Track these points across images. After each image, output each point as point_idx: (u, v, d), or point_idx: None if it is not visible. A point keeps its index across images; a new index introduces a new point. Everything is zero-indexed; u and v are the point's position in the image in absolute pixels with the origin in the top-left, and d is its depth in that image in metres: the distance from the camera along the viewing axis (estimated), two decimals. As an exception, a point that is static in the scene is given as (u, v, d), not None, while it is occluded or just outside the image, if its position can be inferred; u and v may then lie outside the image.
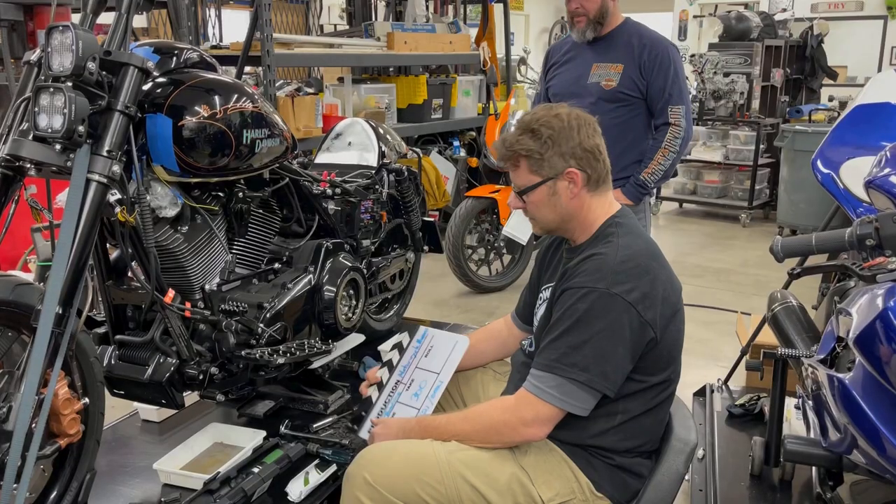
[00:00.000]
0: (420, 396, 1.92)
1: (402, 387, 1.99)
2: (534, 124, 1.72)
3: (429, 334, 2.08)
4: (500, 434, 1.66)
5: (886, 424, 1.44)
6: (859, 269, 1.73)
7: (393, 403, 1.97)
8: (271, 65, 4.38)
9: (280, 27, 8.02)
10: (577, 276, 1.67)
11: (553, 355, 1.63)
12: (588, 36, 2.84)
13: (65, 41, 1.70)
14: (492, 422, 1.66)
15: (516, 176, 1.77)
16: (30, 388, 1.62)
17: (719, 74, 7.25)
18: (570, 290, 1.66)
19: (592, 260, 1.68)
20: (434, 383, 1.93)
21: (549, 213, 1.77)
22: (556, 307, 1.68)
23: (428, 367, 1.98)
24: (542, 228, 1.83)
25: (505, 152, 1.76)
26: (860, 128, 2.76)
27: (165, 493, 2.20)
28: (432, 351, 2.01)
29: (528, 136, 1.72)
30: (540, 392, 1.62)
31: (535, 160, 1.72)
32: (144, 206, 1.89)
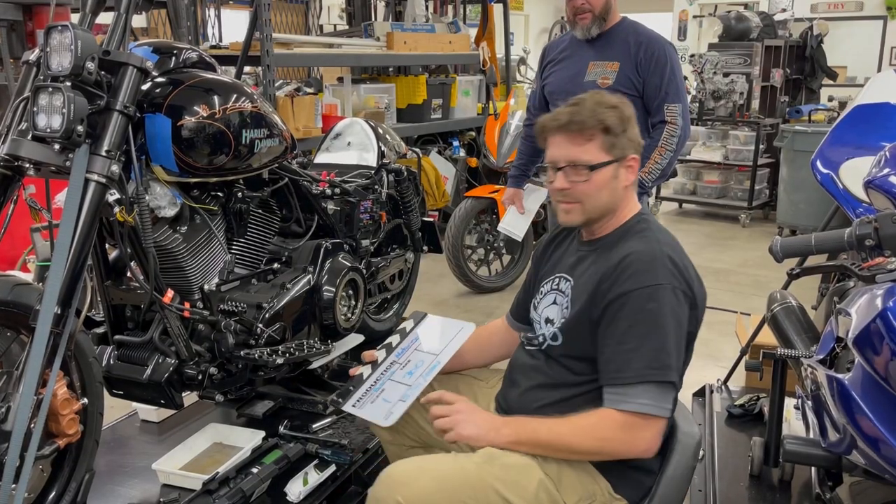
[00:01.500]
0: (414, 374, 1.84)
1: (398, 366, 1.91)
2: (614, 101, 1.66)
3: (432, 320, 2.03)
4: (614, 453, 1.60)
5: (886, 425, 1.44)
6: (858, 270, 1.73)
7: (384, 381, 1.88)
8: (271, 65, 4.37)
9: (279, 27, 8.01)
10: (631, 276, 1.60)
11: (639, 364, 1.56)
12: (593, 32, 2.83)
13: (64, 41, 1.70)
14: (606, 438, 1.58)
15: (583, 150, 1.64)
16: (28, 388, 1.61)
17: (719, 74, 7.25)
18: (631, 292, 1.59)
19: (640, 258, 1.62)
20: (431, 363, 1.85)
21: (605, 197, 1.67)
22: (619, 313, 1.59)
23: (427, 349, 1.91)
24: (585, 215, 1.70)
25: (586, 120, 1.62)
26: (860, 128, 2.76)
27: (164, 493, 2.19)
28: (433, 335, 1.95)
29: (612, 111, 1.64)
30: (647, 407, 1.57)
31: (612, 137, 1.64)
32: (143, 206, 1.89)
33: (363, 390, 1.87)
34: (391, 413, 1.75)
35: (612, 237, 1.73)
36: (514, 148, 4.79)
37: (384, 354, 1.95)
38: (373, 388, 1.87)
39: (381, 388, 1.85)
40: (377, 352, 1.94)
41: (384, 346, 1.97)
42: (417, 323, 2.02)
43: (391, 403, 1.78)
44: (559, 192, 1.69)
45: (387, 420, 1.74)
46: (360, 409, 1.82)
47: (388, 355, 1.95)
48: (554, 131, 1.68)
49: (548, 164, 1.73)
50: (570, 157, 1.65)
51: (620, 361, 1.58)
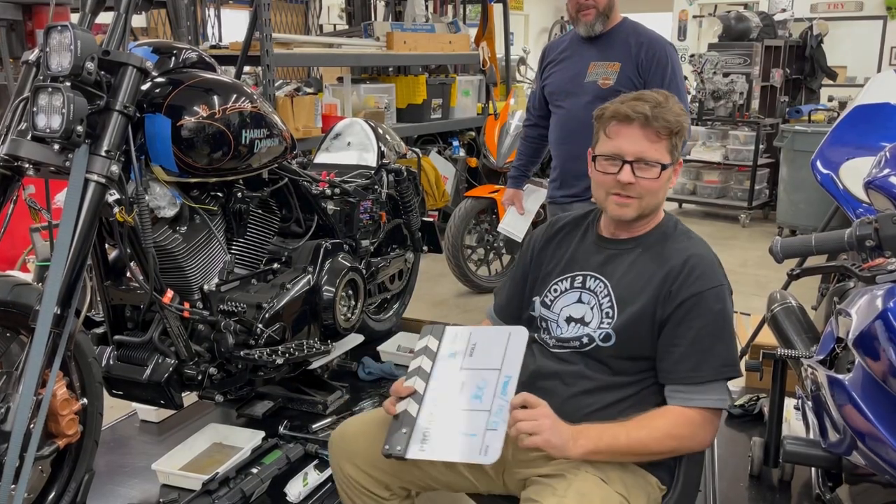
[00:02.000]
0: (484, 397, 1.55)
1: (453, 392, 1.62)
2: (679, 108, 1.68)
3: (462, 332, 1.70)
4: (687, 449, 1.64)
5: (886, 426, 1.44)
6: (859, 270, 1.73)
7: (443, 412, 1.58)
8: (270, 65, 4.37)
9: (279, 27, 8.01)
10: (699, 277, 1.64)
11: (714, 362, 1.61)
12: (597, 29, 2.81)
13: (63, 41, 1.70)
14: (682, 436, 1.61)
15: (655, 148, 1.63)
16: (28, 388, 1.61)
17: (719, 74, 7.25)
18: (702, 293, 1.62)
19: (702, 260, 1.67)
20: (499, 379, 1.57)
21: (661, 196, 1.70)
22: (691, 313, 1.62)
23: (479, 365, 1.62)
24: (640, 211, 1.68)
25: (671, 121, 1.63)
26: (860, 128, 2.76)
27: (164, 493, 2.20)
28: (477, 349, 1.65)
29: (685, 117, 1.68)
30: (718, 402, 1.63)
31: (677, 140, 1.67)
32: (143, 206, 1.89)
33: (421, 429, 1.56)
34: (488, 446, 1.49)
35: (652, 237, 1.73)
36: (513, 148, 4.79)
37: (422, 383, 1.64)
38: (433, 424, 1.57)
39: (446, 422, 1.56)
40: (409, 381, 1.64)
41: (415, 374, 1.66)
42: (440, 338, 1.71)
43: (478, 436, 1.51)
44: (621, 185, 1.65)
45: (486, 455, 1.48)
46: (433, 450, 1.54)
47: (427, 383, 1.64)
48: (629, 122, 1.64)
49: (608, 153, 1.67)
50: (642, 152, 1.64)
51: (695, 360, 1.61)
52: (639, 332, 1.66)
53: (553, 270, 1.81)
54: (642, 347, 1.66)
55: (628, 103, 1.66)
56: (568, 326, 1.73)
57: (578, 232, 1.84)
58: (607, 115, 1.69)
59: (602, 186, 1.70)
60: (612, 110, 1.68)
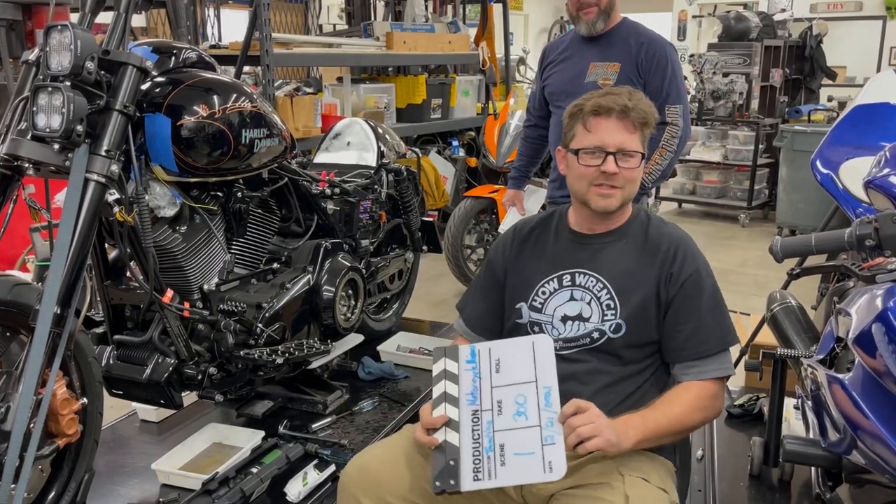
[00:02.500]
0: (528, 413, 1.51)
1: (488, 414, 1.54)
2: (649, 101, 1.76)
3: (481, 350, 1.63)
4: (707, 420, 1.74)
5: (886, 425, 1.44)
6: (858, 270, 1.73)
7: (490, 435, 1.51)
8: (270, 64, 4.37)
9: (279, 27, 8.01)
10: (689, 257, 1.73)
11: (719, 332, 1.70)
12: (598, 27, 2.80)
13: (63, 40, 1.70)
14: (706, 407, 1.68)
15: (633, 139, 1.70)
16: (28, 388, 1.61)
17: (718, 74, 7.26)
18: (697, 270, 1.71)
19: (685, 241, 1.76)
20: (539, 391, 1.53)
21: (637, 185, 1.76)
22: (693, 290, 1.70)
23: (510, 381, 1.56)
24: (622, 200, 1.73)
25: (647, 112, 1.71)
26: (859, 128, 2.76)
27: (164, 493, 2.19)
28: (503, 364, 1.59)
29: (652, 110, 1.73)
30: (727, 370, 1.71)
31: (648, 132, 1.73)
32: (143, 206, 1.89)
33: (469, 458, 1.50)
34: (551, 462, 1.46)
35: (632, 227, 1.79)
36: (513, 148, 4.79)
37: (453, 409, 1.56)
38: (483, 450, 1.50)
39: (495, 446, 1.50)
40: (438, 409, 1.57)
41: (441, 400, 1.58)
42: (457, 359, 1.63)
43: (536, 454, 1.47)
44: (605, 175, 1.68)
45: (553, 472, 1.44)
46: (493, 479, 1.47)
47: (459, 408, 1.56)
48: (607, 115, 1.69)
49: (589, 146, 1.70)
50: (624, 143, 1.69)
51: (703, 336, 1.69)
52: (647, 318, 1.71)
53: (534, 274, 1.80)
54: (650, 332, 1.72)
55: (606, 97, 1.71)
56: (565, 326, 1.74)
57: (549, 233, 1.85)
58: (586, 111, 1.72)
59: (584, 179, 1.72)
60: (591, 104, 1.71)
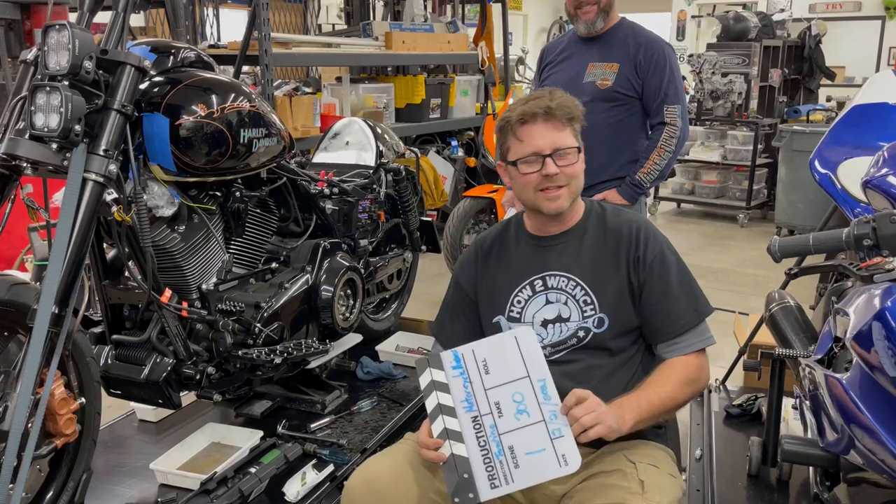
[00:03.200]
0: (529, 409, 1.51)
1: (489, 418, 1.54)
2: (570, 95, 1.77)
3: (465, 353, 1.61)
4: (698, 391, 1.79)
5: (884, 425, 1.44)
6: (857, 269, 1.73)
7: (495, 441, 1.51)
8: (269, 64, 4.37)
9: (278, 27, 8.01)
10: (650, 237, 1.77)
11: (692, 305, 1.74)
12: (597, 27, 2.80)
13: (61, 40, 1.70)
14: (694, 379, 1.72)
15: (565, 136, 1.71)
16: (26, 387, 1.61)
17: (717, 75, 7.26)
18: (661, 250, 1.76)
19: (644, 223, 1.80)
20: (535, 386, 1.53)
21: (583, 179, 1.77)
22: (661, 268, 1.74)
23: (502, 380, 1.56)
24: (571, 197, 1.75)
25: (571, 108, 1.72)
26: (858, 128, 2.76)
27: (162, 493, 2.19)
28: (490, 364, 1.58)
29: (575, 103, 1.75)
30: (708, 340, 1.75)
31: (577, 125, 1.75)
32: (141, 206, 1.89)
33: (481, 466, 1.50)
34: (564, 455, 1.47)
35: (589, 220, 1.81)
36: (512, 148, 4.78)
37: (452, 419, 1.55)
38: (493, 456, 1.51)
39: (504, 449, 1.50)
40: (436, 423, 1.56)
41: (438, 413, 1.57)
42: (442, 367, 1.61)
43: (547, 449, 1.48)
44: (549, 178, 1.71)
45: (568, 465, 1.47)
46: (511, 483, 1.48)
47: (458, 417, 1.55)
48: (534, 120, 1.71)
49: (525, 155, 1.72)
50: (556, 143, 1.71)
51: (677, 312, 1.73)
52: (625, 305, 1.74)
53: (505, 284, 1.81)
54: (631, 319, 1.75)
55: (528, 104, 1.73)
56: (547, 330, 1.75)
57: (509, 242, 1.86)
58: (513, 122, 1.74)
59: (529, 187, 1.74)
60: (517, 114, 1.73)
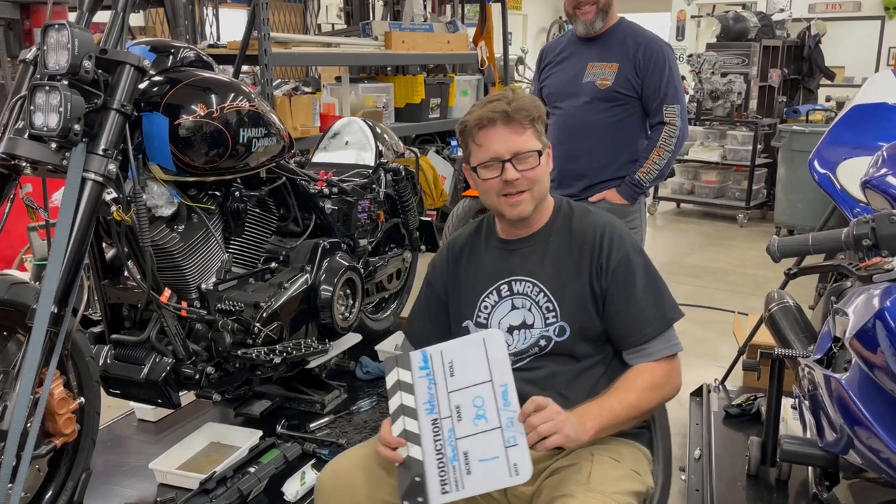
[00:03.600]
0: (488, 415, 1.49)
1: (448, 421, 1.51)
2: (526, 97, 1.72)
3: (433, 353, 1.58)
4: (667, 398, 1.71)
5: (883, 425, 1.44)
6: (856, 269, 1.73)
7: (452, 444, 1.49)
8: (269, 64, 4.36)
9: (277, 26, 8.00)
10: (617, 241, 1.70)
11: (658, 311, 1.68)
12: (596, 27, 2.80)
13: (61, 39, 1.70)
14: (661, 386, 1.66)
15: (525, 139, 1.66)
16: (25, 387, 1.61)
17: (717, 74, 7.25)
18: (627, 254, 1.69)
19: (611, 226, 1.73)
20: (496, 391, 1.50)
21: (546, 182, 1.73)
22: (626, 274, 1.68)
23: (465, 383, 1.53)
24: (535, 202, 1.70)
25: (530, 109, 1.67)
26: (857, 128, 2.76)
27: (161, 492, 2.20)
28: (456, 366, 1.55)
29: (535, 103, 1.70)
30: (675, 347, 1.69)
31: (540, 126, 1.70)
32: (140, 205, 1.89)
33: (434, 471, 1.48)
34: (516, 464, 1.45)
35: (556, 222, 1.76)
36: (512, 147, 4.78)
37: (412, 421, 1.54)
38: (447, 461, 1.48)
39: (459, 455, 1.48)
40: (396, 423, 1.55)
41: (400, 413, 1.55)
42: (409, 367, 1.59)
43: (500, 457, 1.46)
44: (509, 184, 1.67)
45: (519, 475, 1.44)
46: (461, 489, 1.46)
47: (418, 419, 1.54)
48: (493, 125, 1.66)
49: (485, 160, 1.68)
50: (515, 147, 1.66)
51: (643, 319, 1.67)
52: (587, 313, 1.69)
53: (473, 289, 1.79)
54: (594, 326, 1.70)
55: (485, 108, 1.68)
56: (512, 336, 1.72)
57: (479, 245, 1.83)
58: (470, 126, 1.70)
59: (491, 192, 1.71)
60: (474, 119, 1.69)
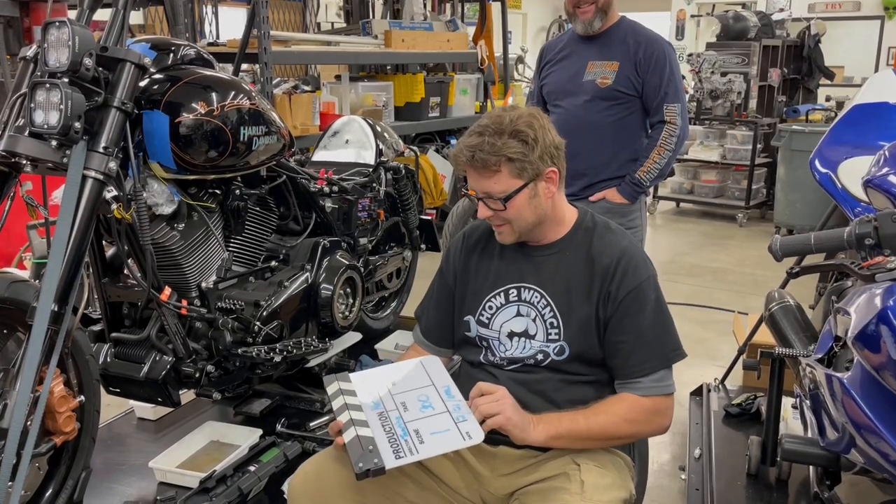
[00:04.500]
0: (434, 405, 1.55)
1: (395, 413, 1.55)
2: (516, 125, 1.63)
3: (370, 374, 1.67)
4: (645, 434, 1.73)
5: (885, 424, 1.44)
6: (858, 269, 1.73)
7: (402, 426, 1.51)
8: (268, 62, 4.36)
9: (277, 24, 8.00)
10: (633, 271, 1.66)
11: (659, 350, 1.65)
12: (596, 26, 2.80)
13: (61, 37, 1.69)
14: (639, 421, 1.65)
15: (495, 182, 1.63)
16: (25, 385, 1.61)
17: (717, 74, 7.25)
18: (639, 286, 1.65)
19: (631, 254, 1.69)
20: (440, 390, 1.58)
21: (530, 216, 1.67)
22: (632, 307, 1.64)
23: (409, 388, 1.61)
24: (517, 234, 1.70)
25: (487, 158, 1.60)
26: (858, 127, 2.76)
27: (161, 491, 2.19)
28: (398, 382, 1.63)
29: (514, 140, 1.61)
30: (668, 388, 1.66)
31: (519, 163, 1.62)
32: (141, 204, 1.88)
33: (385, 442, 1.48)
34: (468, 432, 1.49)
35: (575, 236, 1.73)
36: (511, 146, 4.78)
37: (358, 412, 1.56)
38: (398, 437, 1.50)
39: (410, 432, 1.50)
40: (342, 416, 1.56)
41: (344, 409, 1.58)
42: (347, 380, 1.64)
43: (451, 430, 1.50)
44: (485, 217, 1.70)
45: (472, 438, 1.48)
46: (416, 454, 1.46)
47: (364, 412, 1.56)
48: (463, 165, 1.65)
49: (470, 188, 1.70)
50: (484, 189, 1.65)
51: (643, 354, 1.64)
52: (590, 337, 1.67)
53: (483, 286, 1.77)
54: (593, 351, 1.68)
55: (460, 144, 1.66)
56: (511, 342, 1.71)
57: (495, 242, 1.79)
58: (451, 159, 1.71)
59: (482, 215, 1.72)
60: (452, 154, 1.70)
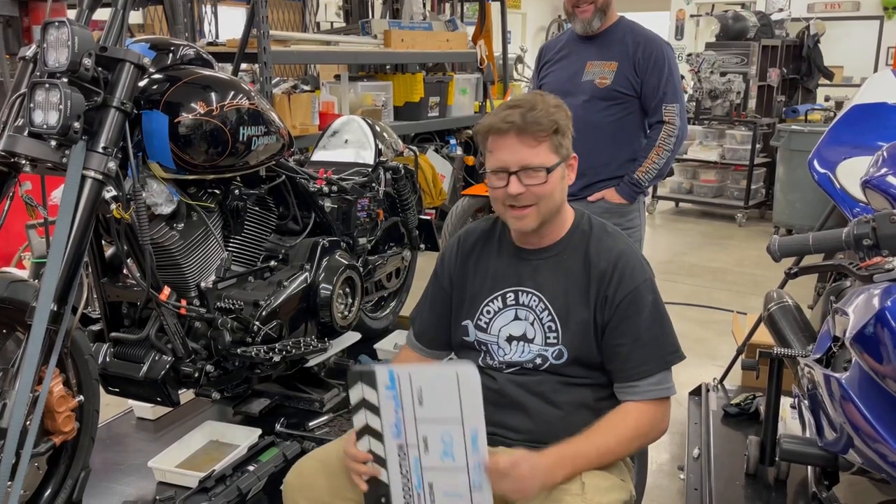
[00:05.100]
0: (455, 455, 1.47)
1: (414, 450, 1.49)
2: (557, 100, 1.63)
3: (401, 375, 1.49)
4: (651, 440, 1.69)
5: (883, 424, 1.44)
6: (856, 269, 1.73)
7: (419, 472, 1.49)
8: (268, 62, 4.36)
9: (277, 24, 8.00)
10: (630, 274, 1.64)
11: (659, 352, 1.64)
12: (595, 26, 2.80)
13: (60, 37, 1.70)
14: (646, 432, 1.63)
15: (536, 154, 1.58)
16: (24, 385, 1.61)
17: (716, 74, 7.26)
18: (636, 289, 1.63)
19: (628, 256, 1.67)
20: (467, 434, 1.46)
21: (558, 197, 1.64)
22: (630, 310, 1.62)
23: (435, 415, 1.48)
24: (540, 218, 1.63)
25: (540, 120, 1.56)
26: (857, 128, 2.76)
27: (160, 491, 2.19)
28: (426, 395, 1.48)
29: (559, 111, 1.60)
30: (668, 390, 1.65)
31: (560, 136, 1.60)
32: (140, 203, 1.89)
33: (400, 495, 1.50)
34: None
35: (572, 238, 1.70)
36: (511, 146, 4.78)
37: (378, 443, 1.51)
38: (413, 487, 1.49)
39: (424, 484, 1.48)
40: (361, 442, 1.53)
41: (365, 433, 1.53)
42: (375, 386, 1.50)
43: (465, 498, 1.47)
44: (512, 197, 1.61)
45: None
46: None
47: (383, 443, 1.51)
48: (504, 134, 1.59)
49: (494, 168, 1.62)
50: (524, 160, 1.59)
51: (642, 356, 1.63)
52: (588, 341, 1.65)
53: (480, 290, 1.74)
54: (591, 355, 1.66)
55: (501, 114, 1.61)
56: (510, 346, 1.70)
57: (493, 245, 1.77)
58: (482, 132, 1.64)
59: (498, 201, 1.66)
60: (486, 125, 1.63)
